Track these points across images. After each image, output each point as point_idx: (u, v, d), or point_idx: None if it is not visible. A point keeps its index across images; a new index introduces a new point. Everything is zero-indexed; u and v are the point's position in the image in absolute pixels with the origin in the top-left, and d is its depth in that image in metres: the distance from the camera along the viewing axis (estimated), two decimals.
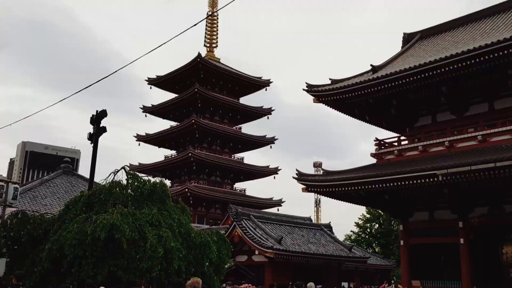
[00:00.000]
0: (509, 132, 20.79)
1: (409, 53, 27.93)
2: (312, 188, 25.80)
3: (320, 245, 33.64)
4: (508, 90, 22.34)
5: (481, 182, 20.65)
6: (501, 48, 19.27)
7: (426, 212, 24.28)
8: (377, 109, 26.59)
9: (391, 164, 24.01)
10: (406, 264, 24.30)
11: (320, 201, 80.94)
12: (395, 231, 48.19)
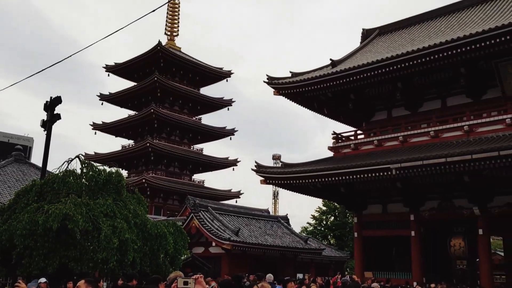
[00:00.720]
0: (460, 128, 21.58)
1: (367, 49, 28.46)
2: (270, 180, 26.00)
3: (276, 237, 33.97)
4: (460, 88, 23.15)
5: (432, 177, 21.42)
6: (454, 47, 19.93)
7: (379, 205, 24.94)
8: (336, 103, 27.01)
9: (348, 158, 24.48)
10: (360, 256, 24.92)
11: (278, 193, 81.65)
12: (349, 224, 49.25)
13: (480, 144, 19.45)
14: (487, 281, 20.09)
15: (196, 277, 3.97)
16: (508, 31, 18.51)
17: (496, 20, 21.55)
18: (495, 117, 20.90)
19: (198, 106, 60.50)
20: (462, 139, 21.12)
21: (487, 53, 19.93)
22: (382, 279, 20.39)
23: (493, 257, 28.65)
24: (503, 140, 18.93)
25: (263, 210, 39.52)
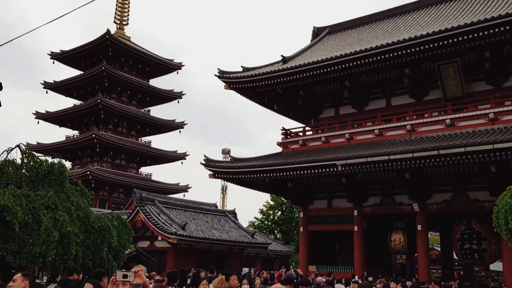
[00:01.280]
0: (403, 127, 22.36)
1: (317, 47, 28.93)
2: (219, 175, 25.96)
3: (224, 231, 34.01)
4: (404, 88, 23.96)
5: (375, 173, 22.12)
6: (399, 48, 20.62)
7: (325, 200, 25.48)
8: (286, 99, 27.31)
9: (296, 153, 24.83)
10: (305, 250, 25.38)
11: (226, 188, 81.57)
12: (296, 218, 50.02)
13: (421, 143, 20.24)
14: (424, 274, 20.96)
15: (136, 270, 3.90)
16: (449, 35, 19.34)
17: (440, 23, 22.44)
18: (435, 118, 21.80)
19: (147, 98, 59.43)
20: (405, 138, 21.90)
21: (430, 55, 20.76)
22: (325, 273, 20.88)
23: (430, 252, 30.03)
24: (443, 140, 19.80)
25: (211, 205, 39.44)
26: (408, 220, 22.96)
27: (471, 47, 19.88)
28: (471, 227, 21.24)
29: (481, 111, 20.53)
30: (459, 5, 25.12)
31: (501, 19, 18.21)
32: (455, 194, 21.32)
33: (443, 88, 21.95)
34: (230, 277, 8.87)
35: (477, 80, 21.96)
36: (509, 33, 18.44)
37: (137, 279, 3.87)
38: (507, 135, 17.80)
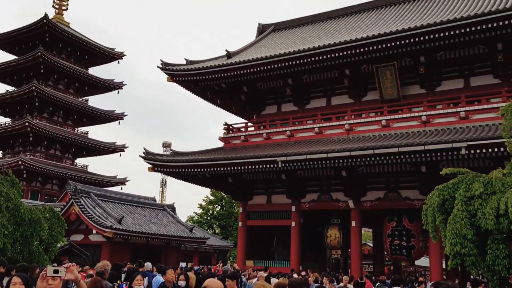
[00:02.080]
0: (342, 126, 22.98)
1: (262, 43, 29.11)
2: (158, 168, 25.57)
3: (161, 226, 33.58)
4: (344, 88, 24.62)
5: (314, 170, 22.64)
6: (340, 49, 21.19)
7: (264, 196, 25.74)
8: (229, 94, 27.30)
9: (237, 149, 24.91)
10: (243, 245, 25.54)
11: (166, 182, 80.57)
12: (235, 213, 50.23)
13: (358, 142, 20.91)
14: (357, 269, 21.70)
15: (68, 265, 3.78)
16: (386, 39, 20.13)
17: (379, 27, 23.22)
18: (372, 118, 22.59)
19: (86, 87, 57.35)
20: (343, 137, 22.53)
21: (369, 57, 21.48)
22: (261, 268, 21.13)
23: (363, 247, 31.16)
24: (378, 140, 20.55)
25: (149, 198, 38.80)
26: (344, 216, 23.66)
27: (407, 51, 20.77)
28: (402, 224, 22.20)
29: (414, 114, 21.47)
30: (399, 11, 26.11)
31: (434, 26, 19.14)
32: (388, 192, 22.19)
33: (380, 90, 22.75)
34: (166, 271, 8.79)
35: (412, 84, 22.94)
36: (442, 39, 19.41)
37: (69, 274, 3.75)
38: (438, 137, 18.75)
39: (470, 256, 7.43)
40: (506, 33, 18.70)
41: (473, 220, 7.64)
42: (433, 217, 8.50)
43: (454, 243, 7.45)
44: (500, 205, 7.28)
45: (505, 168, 8.95)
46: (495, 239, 7.49)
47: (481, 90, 20.93)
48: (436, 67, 22.25)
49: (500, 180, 8.00)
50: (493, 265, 7.33)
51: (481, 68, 21.59)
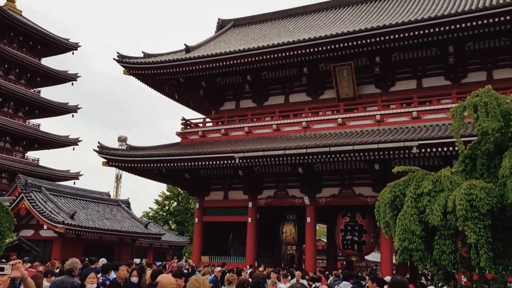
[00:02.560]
0: (299, 124, 23.25)
1: (221, 39, 29.01)
2: (113, 163, 25.08)
3: (115, 221, 32.96)
4: (302, 86, 24.91)
5: (271, 167, 22.80)
6: (299, 47, 21.43)
7: (221, 192, 25.72)
8: (187, 89, 27.08)
9: (195, 144, 24.76)
10: (198, 241, 25.45)
11: (121, 177, 79.01)
12: (192, 209, 49.92)
13: (314, 139, 21.22)
14: (311, 264, 22.05)
15: (14, 262, 3.67)
16: (342, 39, 20.55)
17: (337, 27, 23.62)
18: (329, 116, 22.96)
19: (38, 78, 55.37)
20: (300, 134, 22.80)
21: (327, 56, 21.86)
22: (217, 263, 21.13)
23: (317, 243, 31.68)
24: (334, 138, 20.93)
25: (103, 193, 37.97)
26: (299, 212, 23.96)
27: (363, 52, 21.25)
28: (355, 220, 22.70)
29: (369, 113, 21.99)
30: (357, 11, 26.60)
31: (388, 28, 19.68)
32: (342, 189, 22.64)
33: (337, 88, 23.16)
34: (119, 268, 8.67)
35: (367, 84, 23.48)
36: (395, 41, 19.97)
37: (15, 272, 3.64)
38: (391, 136, 19.28)
39: (417, 251, 7.67)
40: (458, 36, 19.43)
41: (422, 216, 7.90)
42: (384, 213, 8.73)
43: (402, 239, 7.68)
44: (448, 203, 7.56)
45: (453, 166, 9.30)
46: (442, 235, 7.75)
47: (433, 91, 21.67)
48: (391, 68, 22.86)
49: (448, 178, 8.29)
50: (439, 260, 7.60)
51: (433, 70, 22.35)
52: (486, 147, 8.57)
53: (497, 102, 8.27)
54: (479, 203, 7.14)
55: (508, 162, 7.38)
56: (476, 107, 8.41)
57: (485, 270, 7.47)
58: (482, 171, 8.51)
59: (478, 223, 7.13)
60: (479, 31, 18.85)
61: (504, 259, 7.94)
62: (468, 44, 20.89)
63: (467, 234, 7.24)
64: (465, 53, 21.20)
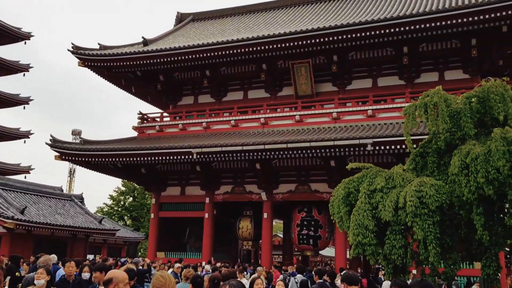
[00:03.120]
0: (257, 120, 23.34)
1: (180, 33, 28.70)
2: (66, 157, 24.39)
3: (68, 217, 32.12)
4: (261, 82, 24.98)
5: (229, 162, 22.82)
6: (257, 44, 21.50)
7: (178, 187, 25.49)
8: (144, 83, 26.66)
9: (152, 139, 24.44)
10: (154, 237, 25.15)
11: (74, 171, 76.92)
12: (148, 205, 49.28)
13: (272, 136, 21.37)
14: (267, 260, 22.22)
15: None
16: (300, 37, 20.79)
17: (296, 24, 23.82)
18: (287, 113, 23.16)
19: None
20: (258, 130, 22.91)
21: (285, 53, 22.05)
22: (173, 259, 20.99)
23: (274, 238, 31.95)
24: (292, 134, 21.15)
25: (55, 188, 36.93)
26: (256, 208, 24.09)
27: (321, 50, 21.57)
28: (311, 215, 23.02)
29: (326, 110, 22.35)
30: (316, 9, 26.91)
31: (345, 27, 20.06)
32: (299, 185, 22.90)
33: (295, 86, 23.39)
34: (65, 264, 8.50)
35: (325, 81, 23.81)
36: (353, 40, 20.38)
37: None
38: (346, 133, 19.67)
39: (370, 246, 7.90)
40: (412, 37, 20.02)
41: (375, 212, 8.13)
42: (339, 209, 8.93)
43: (356, 234, 7.89)
44: (399, 199, 7.81)
45: (405, 164, 9.61)
46: (394, 230, 8.00)
47: (388, 90, 22.23)
48: (348, 66, 23.28)
49: (400, 175, 8.56)
50: (389, 254, 7.86)
51: (388, 70, 22.91)
52: (436, 145, 8.89)
53: (447, 103, 8.59)
54: (428, 200, 7.41)
55: (457, 161, 7.68)
56: (427, 107, 8.71)
57: (439, 264, 7.77)
58: (433, 169, 8.84)
59: (427, 219, 7.40)
60: (432, 33, 19.49)
61: (453, 253, 8.28)
62: (422, 45, 21.53)
63: (415, 230, 7.50)
64: (418, 54, 21.85)
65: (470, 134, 8.18)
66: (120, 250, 41.08)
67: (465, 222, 8.02)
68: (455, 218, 8.20)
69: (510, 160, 7.05)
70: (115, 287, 3.77)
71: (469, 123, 8.20)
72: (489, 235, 7.57)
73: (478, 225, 7.32)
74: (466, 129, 8.21)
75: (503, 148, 7.07)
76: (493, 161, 7.15)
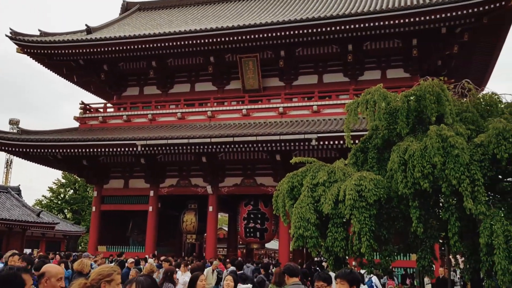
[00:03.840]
0: (204, 113, 23.20)
1: (126, 22, 28.01)
2: (2, 147, 23.27)
3: (4, 209, 30.76)
4: (208, 75, 24.82)
5: (175, 155, 22.56)
6: (206, 36, 21.37)
7: (122, 180, 24.95)
8: (87, 72, 25.85)
9: (94, 130, 23.77)
10: (96, 230, 24.51)
11: (11, 162, 73.55)
12: (89, 198, 47.90)
13: (219, 129, 21.32)
14: (211, 253, 22.21)
15: None
16: (248, 31, 20.87)
17: (244, 18, 23.82)
18: (234, 107, 23.17)
19: None
20: (205, 123, 22.78)
21: (233, 47, 22.05)
22: (115, 253, 20.57)
23: (219, 232, 32.00)
24: (238, 128, 21.19)
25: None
26: (201, 201, 24.00)
27: (268, 45, 21.73)
28: (258, 208, 23.25)
29: (273, 105, 22.55)
30: (265, 4, 26.98)
31: (291, 23, 20.32)
32: (245, 178, 23.01)
33: (243, 80, 23.43)
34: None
35: (272, 76, 24.00)
36: (299, 36, 20.68)
37: None
38: (292, 128, 19.95)
39: (312, 238, 8.07)
40: (356, 36, 20.55)
41: (317, 205, 8.32)
42: (283, 202, 9.07)
43: (298, 226, 8.05)
44: (340, 192, 8.03)
45: (347, 159, 9.88)
46: (335, 223, 8.22)
47: (333, 87, 22.70)
48: (295, 62, 23.57)
49: (342, 170, 8.80)
50: (331, 246, 8.07)
51: (334, 67, 23.40)
52: (376, 142, 9.20)
53: (386, 100, 8.90)
54: (367, 193, 7.66)
55: (396, 157, 7.97)
56: (368, 104, 8.99)
57: (372, 256, 8.06)
58: (372, 164, 9.14)
59: (364, 212, 7.65)
60: (375, 32, 20.09)
61: (389, 245, 8.61)
62: (366, 43, 22.12)
63: (352, 223, 7.75)
64: (362, 52, 22.43)
65: (403, 132, 8.50)
66: (59, 244, 39.78)
67: (402, 216, 8.35)
68: (392, 211, 8.51)
69: (444, 156, 7.40)
70: (47, 281, 3.65)
71: (403, 122, 8.52)
72: (424, 228, 7.91)
73: (413, 218, 7.64)
74: (400, 127, 8.53)
75: (437, 144, 7.41)
76: (428, 157, 7.48)
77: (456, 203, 7.56)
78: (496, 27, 19.62)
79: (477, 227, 7.40)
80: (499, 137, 7.30)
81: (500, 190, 8.46)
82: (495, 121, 7.72)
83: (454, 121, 8.35)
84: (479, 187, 7.17)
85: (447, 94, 8.60)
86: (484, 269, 7.12)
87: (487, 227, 6.98)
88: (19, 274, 2.72)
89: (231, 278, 6.46)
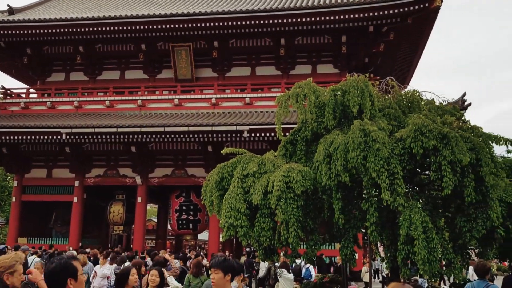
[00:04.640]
0: (134, 101, 22.67)
1: (52, 4, 26.67)
2: None
3: None
4: (139, 63, 24.23)
5: (102, 144, 21.91)
6: (136, 23, 20.89)
7: (45, 169, 23.87)
8: (8, 55, 24.44)
9: (15, 116, 22.57)
10: (15, 221, 23.27)
11: None
12: (9, 187, 45.33)
13: (150, 118, 20.94)
14: (140, 244, 21.84)
15: None
16: (180, 20, 20.78)
17: (179, 6, 23.42)
18: (165, 96, 22.82)
19: None
20: (135, 112, 22.27)
21: (165, 35, 21.72)
22: (37, 245, 19.69)
23: (147, 223, 31.50)
24: (170, 118, 20.92)
25: None
26: (129, 192, 23.49)
27: (201, 35, 21.63)
28: (190, 200, 23.11)
29: (205, 95, 22.45)
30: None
31: (224, 14, 20.37)
32: (175, 169, 22.79)
33: (175, 69, 23.11)
34: None
35: (205, 67, 23.86)
36: (232, 28, 20.74)
37: None
38: (224, 119, 19.99)
39: (242, 228, 8.16)
40: (288, 30, 20.91)
41: (247, 196, 8.41)
42: (211, 193, 9.10)
43: (228, 216, 8.10)
44: (269, 183, 8.17)
45: (277, 151, 10.07)
46: (263, 213, 8.35)
47: (265, 80, 22.98)
48: (228, 54, 23.57)
49: (271, 161, 8.95)
50: (259, 236, 8.21)
51: (266, 60, 23.66)
52: (305, 134, 9.44)
53: (315, 94, 9.15)
54: (295, 185, 7.85)
55: (322, 149, 8.22)
56: (298, 97, 9.20)
57: (297, 246, 8.29)
58: (301, 156, 9.38)
59: (292, 203, 7.84)
60: (306, 27, 20.57)
61: (314, 235, 8.88)
62: (298, 38, 22.55)
63: (277, 213, 7.91)
64: (294, 47, 22.84)
65: (330, 125, 8.80)
66: None
67: (328, 206, 8.64)
68: (318, 202, 8.79)
69: (365, 150, 7.72)
70: None
71: (330, 115, 8.80)
72: (347, 219, 8.23)
73: (336, 209, 7.92)
74: (327, 120, 8.82)
75: (359, 139, 7.72)
76: (351, 150, 7.78)
77: (377, 195, 7.91)
78: (420, 27, 20.73)
79: (397, 218, 7.80)
80: (417, 132, 7.71)
81: (418, 183, 8.97)
82: (414, 117, 8.13)
83: (376, 116, 8.72)
84: (398, 180, 7.50)
85: (371, 89, 8.96)
86: (400, 258, 7.45)
87: (407, 219, 7.32)
88: (70, 262, 2.80)
89: (156, 274, 5.85)
